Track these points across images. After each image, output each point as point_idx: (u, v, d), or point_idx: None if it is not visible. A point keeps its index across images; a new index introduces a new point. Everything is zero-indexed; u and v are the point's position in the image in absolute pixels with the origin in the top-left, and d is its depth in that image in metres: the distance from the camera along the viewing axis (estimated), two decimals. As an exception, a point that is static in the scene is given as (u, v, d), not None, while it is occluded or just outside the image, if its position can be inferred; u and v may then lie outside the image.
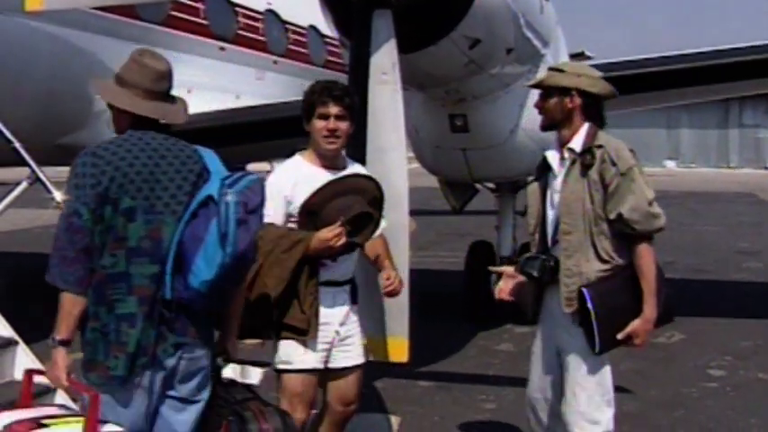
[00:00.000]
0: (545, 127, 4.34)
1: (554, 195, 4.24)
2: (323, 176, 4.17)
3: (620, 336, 4.06)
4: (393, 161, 5.02)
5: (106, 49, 8.97)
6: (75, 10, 8.14)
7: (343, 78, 5.84)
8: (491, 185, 9.33)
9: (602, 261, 4.08)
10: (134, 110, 3.61)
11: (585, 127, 4.16)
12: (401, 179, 5.00)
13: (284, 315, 4.07)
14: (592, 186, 4.06)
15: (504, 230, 9.26)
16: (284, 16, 13.24)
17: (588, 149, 4.09)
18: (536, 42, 6.94)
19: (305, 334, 4.07)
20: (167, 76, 3.81)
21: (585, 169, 4.08)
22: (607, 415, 4.19)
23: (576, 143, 4.15)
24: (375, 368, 5.13)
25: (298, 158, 4.31)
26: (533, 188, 4.42)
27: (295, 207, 4.14)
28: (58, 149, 8.89)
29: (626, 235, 4.06)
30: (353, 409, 4.40)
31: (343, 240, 4.00)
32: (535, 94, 4.49)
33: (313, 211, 4.08)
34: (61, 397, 4.68)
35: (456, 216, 11.28)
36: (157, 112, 3.68)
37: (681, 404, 6.46)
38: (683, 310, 9.58)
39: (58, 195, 5.38)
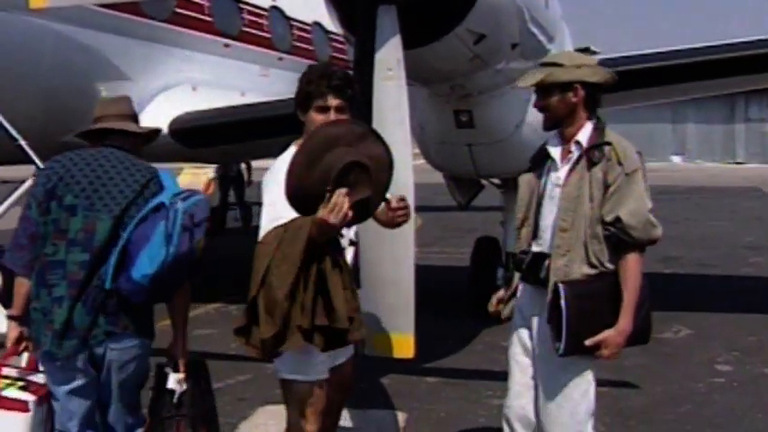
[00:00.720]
0: (549, 126, 4.11)
1: (553, 189, 4.05)
2: None
3: (588, 342, 3.81)
4: (398, 157, 4.99)
5: (111, 47, 8.99)
6: (79, 7, 8.15)
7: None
8: (496, 181, 9.31)
9: (591, 266, 3.87)
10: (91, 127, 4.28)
11: (591, 121, 4.00)
12: (406, 175, 4.98)
13: (317, 317, 3.66)
14: (594, 185, 3.87)
15: (510, 226, 9.22)
16: (289, 13, 13.24)
17: (597, 145, 3.91)
18: (541, 37, 6.92)
19: (345, 335, 3.74)
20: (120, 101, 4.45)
21: (591, 166, 3.88)
22: (589, 428, 4.04)
23: (583, 137, 3.97)
24: (381, 364, 5.13)
25: (293, 150, 3.86)
26: (527, 178, 4.23)
27: None
28: (62, 147, 8.87)
29: (619, 240, 3.84)
30: (350, 389, 4.37)
31: (343, 210, 3.45)
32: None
33: (298, 196, 3.54)
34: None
35: (461, 212, 11.27)
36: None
37: (687, 399, 6.45)
38: (690, 305, 9.59)
39: None
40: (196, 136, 9.62)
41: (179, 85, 10.12)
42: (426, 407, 6.23)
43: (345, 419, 5.90)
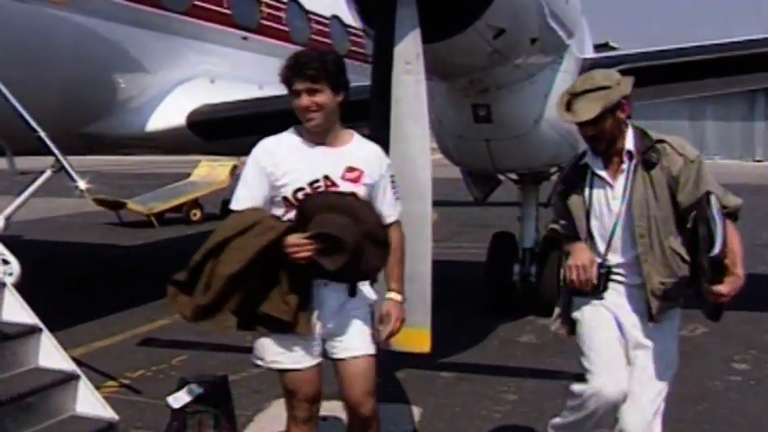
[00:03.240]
0: (605, 149, 4.03)
1: (610, 203, 4.05)
2: (314, 150, 3.91)
3: (729, 263, 3.78)
4: (416, 151, 5.00)
5: (130, 39, 9.00)
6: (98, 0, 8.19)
7: (366, 68, 5.83)
8: (514, 176, 9.29)
9: (667, 265, 3.99)
10: None
11: (629, 128, 4.06)
12: (424, 170, 4.98)
13: (261, 304, 3.78)
14: (656, 185, 3.97)
15: (527, 222, 9.24)
16: (307, 6, 13.22)
17: (650, 147, 4.00)
18: (560, 32, 6.90)
19: (291, 327, 3.79)
20: None
21: (649, 168, 3.97)
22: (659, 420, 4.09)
23: (631, 146, 4.02)
24: (397, 358, 5.13)
25: (289, 132, 4.06)
26: (575, 201, 4.16)
27: (279, 183, 3.86)
28: (82, 138, 8.94)
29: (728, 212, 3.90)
30: (366, 411, 4.01)
31: (304, 254, 3.67)
32: (561, 84, 4.41)
33: (303, 212, 3.79)
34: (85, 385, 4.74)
35: (478, 207, 11.25)
36: None
37: (704, 397, 6.42)
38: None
39: (82, 184, 5.42)
40: (214, 128, 9.63)
41: (197, 77, 10.12)
42: (442, 401, 6.22)
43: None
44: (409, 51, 5.04)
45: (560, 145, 7.78)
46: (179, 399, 4.59)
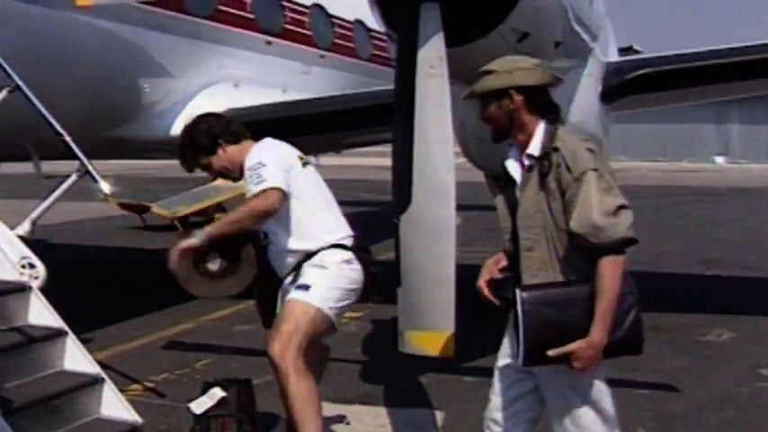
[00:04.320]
0: (496, 138, 3.87)
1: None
2: None
3: (551, 352, 3.48)
4: (440, 155, 4.99)
5: (154, 44, 9.05)
6: (123, 4, 8.23)
7: (389, 72, 5.83)
8: (537, 180, 9.25)
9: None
10: None
11: (542, 127, 3.68)
12: (448, 173, 4.97)
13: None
14: (550, 195, 3.58)
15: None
16: (331, 10, 13.26)
17: (545, 154, 3.61)
18: (585, 36, 6.86)
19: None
20: None
21: (543, 177, 3.59)
22: None
23: (535, 147, 3.67)
24: (420, 363, 5.11)
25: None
26: (499, 202, 3.95)
27: None
28: (106, 142, 9.00)
29: (590, 248, 3.49)
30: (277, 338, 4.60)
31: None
32: (586, 88, 4.38)
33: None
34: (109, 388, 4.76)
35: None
36: None
37: (731, 404, 6.36)
38: (732, 307, 9.46)
39: (106, 187, 5.45)
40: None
41: (221, 81, 10.18)
42: (465, 406, 6.20)
43: (384, 417, 5.91)
44: (433, 55, 5.03)
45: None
46: (202, 403, 4.61)
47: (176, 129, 9.51)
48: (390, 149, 4.88)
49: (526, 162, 3.71)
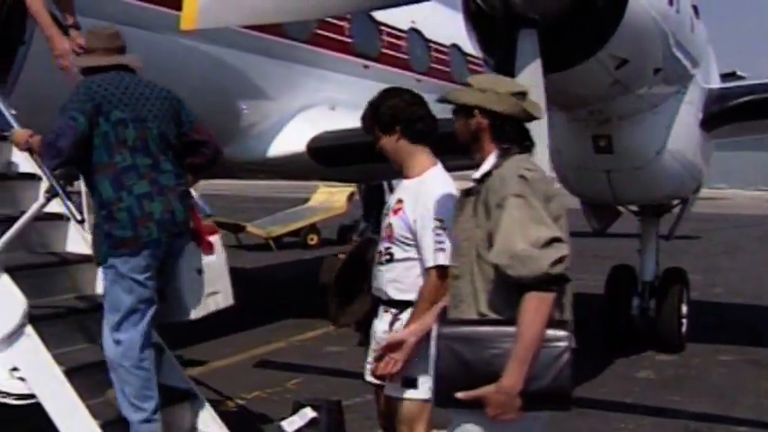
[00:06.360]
0: (462, 149, 3.55)
1: None
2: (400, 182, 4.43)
3: (460, 395, 3.11)
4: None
5: (254, 67, 9.23)
6: (224, 28, 8.42)
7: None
8: (634, 208, 9.12)
9: (483, 315, 3.29)
10: (101, 63, 4.75)
11: (495, 153, 3.39)
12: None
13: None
14: (478, 223, 3.31)
15: (647, 254, 9.04)
16: (428, 35, 13.31)
17: (480, 179, 3.37)
18: (685, 62, 6.75)
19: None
20: (117, 35, 4.91)
21: (476, 203, 3.35)
22: None
23: (479, 172, 3.40)
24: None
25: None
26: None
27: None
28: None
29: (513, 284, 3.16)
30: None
31: None
32: (685, 116, 4.29)
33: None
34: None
35: (597, 238, 11.05)
36: (123, 60, 4.83)
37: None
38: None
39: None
40: (333, 155, 9.75)
41: (318, 104, 10.29)
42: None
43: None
44: (529, 81, 5.01)
45: (682, 177, 7.59)
46: (293, 423, 4.65)
47: (273, 151, 9.67)
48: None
49: (466, 185, 3.51)
